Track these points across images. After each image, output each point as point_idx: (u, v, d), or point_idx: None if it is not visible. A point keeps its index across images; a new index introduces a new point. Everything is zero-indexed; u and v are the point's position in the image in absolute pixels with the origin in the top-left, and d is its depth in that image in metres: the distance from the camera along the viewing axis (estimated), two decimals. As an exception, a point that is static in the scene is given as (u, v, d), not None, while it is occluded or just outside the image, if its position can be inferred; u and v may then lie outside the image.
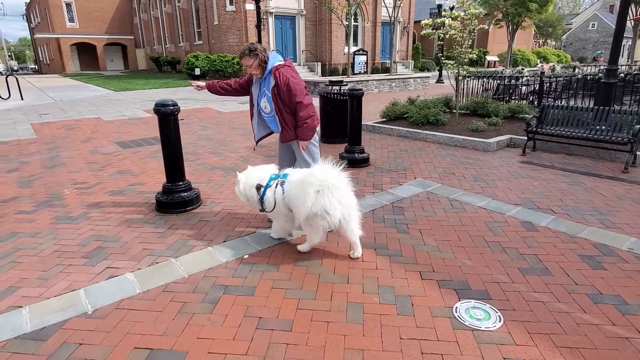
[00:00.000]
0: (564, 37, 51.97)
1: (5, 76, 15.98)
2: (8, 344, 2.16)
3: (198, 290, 2.62)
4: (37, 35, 43.21)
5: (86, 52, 39.60)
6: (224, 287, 2.65)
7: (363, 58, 22.72)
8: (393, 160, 5.73)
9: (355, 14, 24.97)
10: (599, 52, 43.27)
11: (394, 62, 22.53)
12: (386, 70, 24.47)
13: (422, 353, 2.06)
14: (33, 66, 57.59)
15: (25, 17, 51.32)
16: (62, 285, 2.69)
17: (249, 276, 2.78)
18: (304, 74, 22.81)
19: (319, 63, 23.92)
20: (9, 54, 66.14)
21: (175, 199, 3.91)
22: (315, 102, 9.43)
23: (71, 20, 37.88)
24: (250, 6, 20.77)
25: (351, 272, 2.82)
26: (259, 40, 13.34)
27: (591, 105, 6.49)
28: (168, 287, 2.66)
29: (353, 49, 22.42)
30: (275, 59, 3.17)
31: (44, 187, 4.77)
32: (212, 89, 3.55)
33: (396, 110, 8.41)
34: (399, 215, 3.80)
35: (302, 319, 2.33)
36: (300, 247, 3.09)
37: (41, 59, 46.51)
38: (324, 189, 2.68)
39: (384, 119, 8.42)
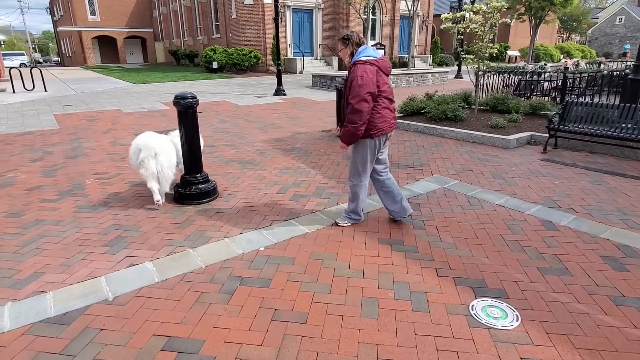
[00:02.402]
0: (589, 31, 50.36)
1: (29, 68, 16.41)
2: (33, 328, 2.23)
3: (215, 281, 2.66)
4: (59, 28, 44.19)
5: (107, 45, 40.33)
6: (240, 279, 2.68)
7: (381, 52, 22.44)
8: (410, 156, 5.68)
9: (374, 8, 24.71)
10: (627, 45, 41.67)
11: (412, 57, 22.22)
12: (404, 64, 24.18)
13: (437, 350, 2.05)
14: (56, 58, 58.93)
15: (48, 11, 52.47)
16: (84, 272, 2.77)
17: (265, 268, 2.81)
18: (320, 68, 22.75)
19: (336, 57, 23.75)
20: (33, 46, 67.84)
21: (193, 191, 3.97)
22: (332, 96, 9.39)
23: (93, 13, 38.59)
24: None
25: (366, 267, 2.82)
26: (277, 34, 13.31)
27: (617, 102, 6.29)
28: (186, 277, 2.71)
29: (371, 43, 22.21)
30: (363, 54, 3.02)
31: (66, 177, 4.90)
32: None
33: (413, 105, 8.31)
34: (415, 211, 3.76)
35: (317, 312, 2.35)
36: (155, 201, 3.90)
37: (64, 52, 47.56)
38: (143, 148, 3.77)
39: (401, 114, 8.34)
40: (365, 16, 20.96)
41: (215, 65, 20.97)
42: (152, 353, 2.04)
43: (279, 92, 12.88)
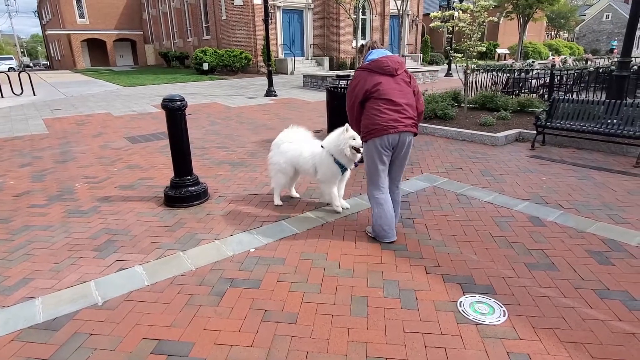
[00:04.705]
0: (577, 28, 50.97)
1: (18, 72, 16.22)
2: (22, 334, 2.22)
3: (205, 283, 2.66)
4: (48, 32, 43.75)
5: (96, 47, 39.99)
6: (231, 280, 2.69)
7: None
8: (400, 155, 5.71)
9: (364, 7, 24.75)
10: (614, 42, 42.23)
11: (403, 56, 22.31)
12: (395, 64, 24.23)
13: (425, 346, 2.08)
14: (45, 62, 58.28)
15: (37, 14, 51.90)
16: (74, 277, 2.76)
17: (255, 270, 2.82)
18: (311, 68, 22.76)
19: (327, 57, 23.82)
20: (22, 50, 67.04)
21: (183, 194, 3.96)
22: (323, 96, 9.40)
23: (81, 16, 38.25)
24: (258, 0, 20.74)
25: (356, 266, 2.84)
26: (267, 35, 13.30)
27: (603, 98, 6.38)
28: (176, 280, 2.71)
29: (361, 42, 22.28)
30: (366, 60, 3.03)
31: (55, 182, 4.86)
32: None
33: (404, 104, 8.34)
34: (404, 209, 3.80)
35: (307, 312, 2.36)
36: None
37: (52, 55, 47.06)
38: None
39: (392, 114, 8.37)
40: (355, 16, 21.00)
41: (206, 66, 20.89)
42: (142, 356, 2.04)
43: (270, 93, 12.88)
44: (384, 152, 2.99)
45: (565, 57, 20.30)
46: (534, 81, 9.96)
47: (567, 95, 8.72)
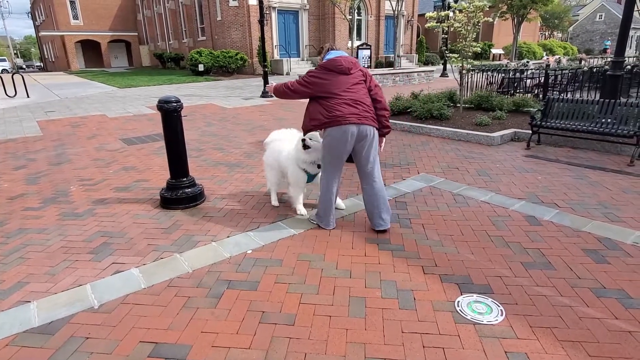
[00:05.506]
0: (571, 29, 51.35)
1: (11, 74, 16.10)
2: (17, 338, 2.20)
3: (202, 285, 2.65)
4: (42, 33, 43.47)
5: (91, 49, 39.77)
6: (228, 282, 2.68)
7: (367, 52, 22.56)
8: (396, 155, 5.72)
9: (359, 8, 24.84)
10: (607, 41, 42.65)
11: (398, 56, 22.35)
12: (390, 64, 24.33)
13: (423, 347, 2.08)
14: (39, 64, 57.89)
15: (30, 15, 51.55)
16: (69, 281, 2.73)
17: (253, 271, 2.81)
18: (306, 69, 22.75)
19: (323, 58, 23.81)
20: (15, 52, 66.53)
21: (179, 195, 3.95)
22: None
23: (75, 17, 38.03)
24: (253, 1, 20.72)
25: (354, 267, 2.84)
26: (262, 36, 13.28)
27: (597, 98, 6.42)
28: (173, 282, 2.69)
29: (356, 43, 22.30)
30: (325, 59, 3.29)
31: (50, 184, 4.83)
32: None
33: (400, 104, 8.38)
34: (402, 210, 3.80)
35: (305, 313, 2.35)
36: None
37: (46, 57, 46.76)
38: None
39: (388, 114, 8.38)
40: (351, 17, 21.06)
41: (201, 68, 20.84)
42: (139, 360, 2.03)
43: (266, 93, 12.86)
44: (345, 140, 3.11)
45: (559, 57, 20.46)
46: (528, 81, 10.02)
47: (562, 94, 8.77)
